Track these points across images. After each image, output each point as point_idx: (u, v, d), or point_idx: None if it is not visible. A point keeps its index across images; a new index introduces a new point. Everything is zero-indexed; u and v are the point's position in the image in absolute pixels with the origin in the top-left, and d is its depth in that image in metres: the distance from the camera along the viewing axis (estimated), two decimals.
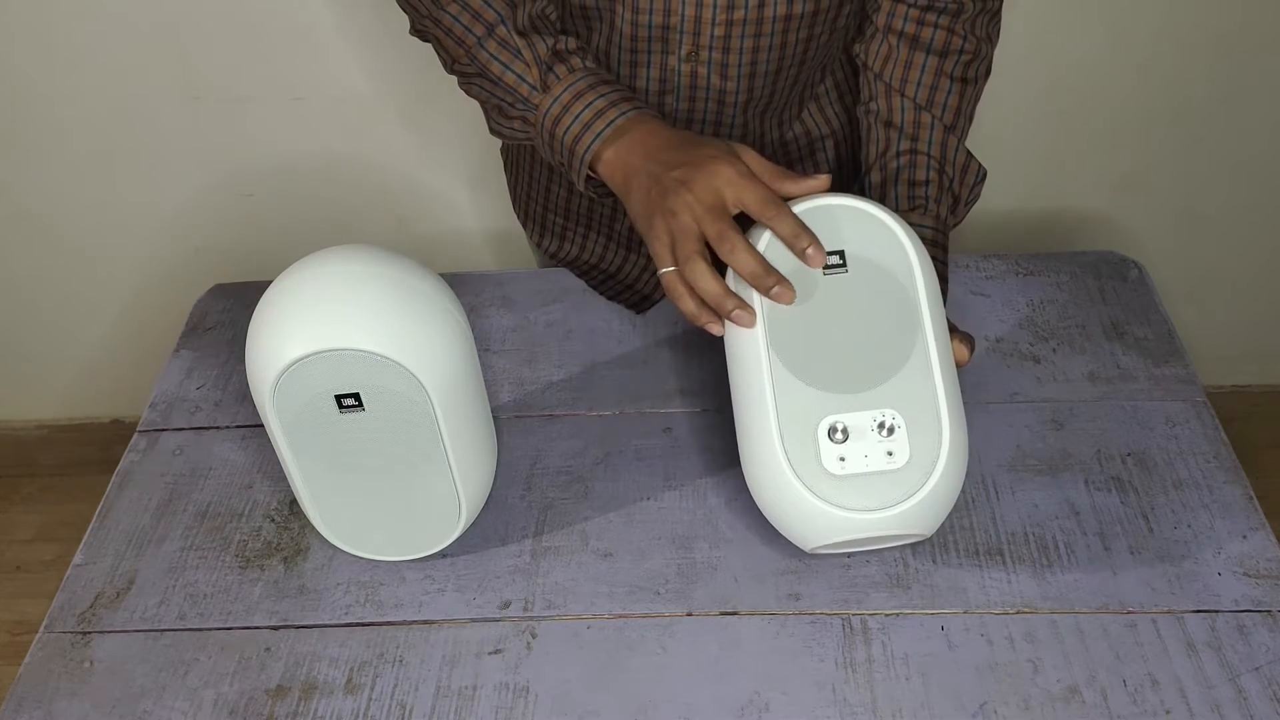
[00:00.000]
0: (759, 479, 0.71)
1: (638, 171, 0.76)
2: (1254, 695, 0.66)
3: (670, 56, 0.85)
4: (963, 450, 0.70)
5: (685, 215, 0.72)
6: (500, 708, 0.68)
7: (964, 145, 0.87)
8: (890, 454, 0.68)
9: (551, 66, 0.80)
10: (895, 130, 0.86)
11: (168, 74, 1.38)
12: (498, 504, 0.79)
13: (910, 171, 0.84)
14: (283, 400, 0.66)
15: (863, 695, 0.67)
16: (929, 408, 0.69)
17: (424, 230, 1.57)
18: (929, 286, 0.71)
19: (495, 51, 0.81)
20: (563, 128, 0.79)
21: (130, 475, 0.84)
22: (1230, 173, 1.49)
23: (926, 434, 0.69)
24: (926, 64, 0.85)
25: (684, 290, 0.72)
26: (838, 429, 0.68)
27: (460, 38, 0.82)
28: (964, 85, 0.86)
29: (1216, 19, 1.33)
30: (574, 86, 0.79)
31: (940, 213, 0.84)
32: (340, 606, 0.74)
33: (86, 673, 0.71)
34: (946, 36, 0.85)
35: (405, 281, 0.68)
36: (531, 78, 0.80)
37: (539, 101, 0.80)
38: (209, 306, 0.99)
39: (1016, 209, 1.51)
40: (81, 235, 1.57)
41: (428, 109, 1.42)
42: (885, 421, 0.68)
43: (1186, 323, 1.12)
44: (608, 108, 0.78)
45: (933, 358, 0.69)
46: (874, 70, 0.87)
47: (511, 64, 0.81)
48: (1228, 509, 0.77)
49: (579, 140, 0.79)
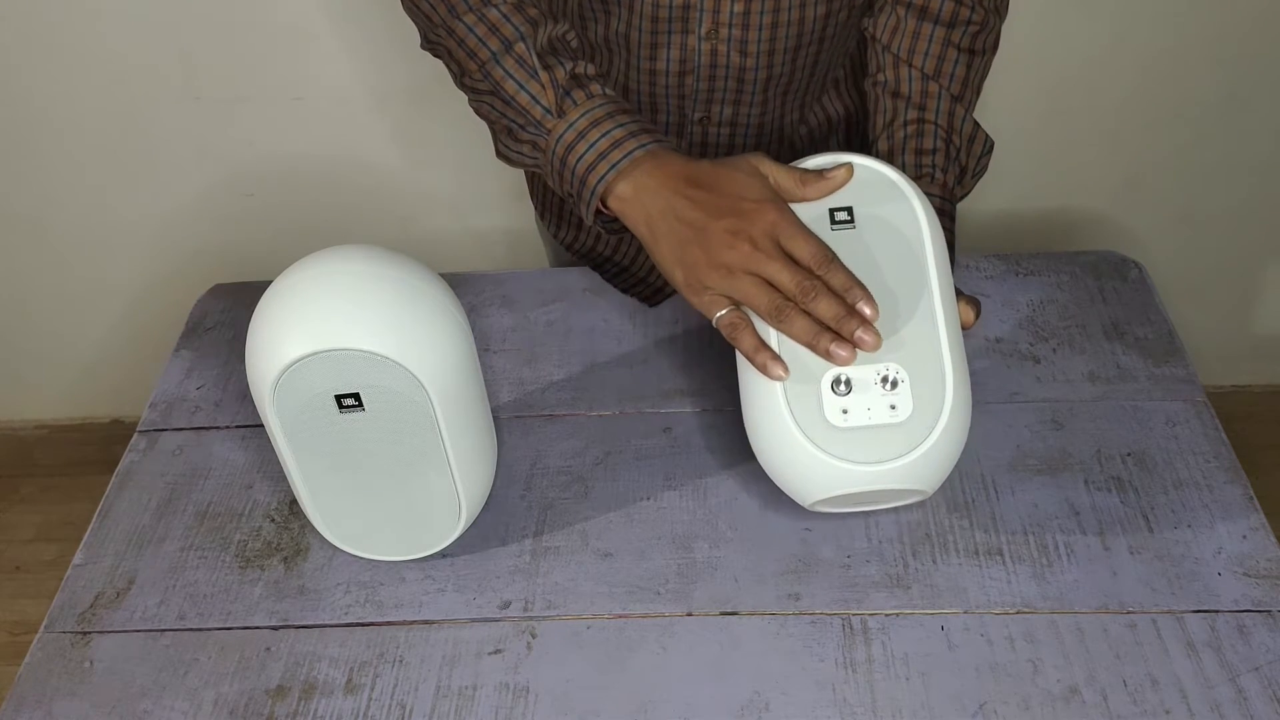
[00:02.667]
0: (761, 431, 0.71)
1: (665, 214, 0.73)
2: (1254, 695, 0.66)
3: (690, 35, 0.86)
4: (966, 406, 0.70)
5: (744, 274, 0.69)
6: (500, 708, 0.68)
7: (971, 115, 0.87)
8: (893, 407, 0.68)
9: (569, 91, 0.77)
10: (902, 100, 0.86)
11: (168, 74, 1.38)
12: (498, 504, 0.79)
13: (918, 140, 0.84)
14: (283, 400, 0.66)
15: (863, 695, 0.67)
16: (933, 363, 0.68)
17: (424, 230, 1.57)
18: (936, 246, 0.71)
19: (511, 69, 0.78)
20: (576, 155, 0.76)
21: (130, 475, 0.84)
22: (1230, 173, 1.49)
23: (930, 389, 0.68)
24: (934, 34, 0.85)
25: (746, 330, 0.70)
26: (841, 380, 0.68)
27: (474, 50, 0.79)
28: (971, 56, 0.86)
29: (1217, 19, 1.33)
30: (592, 114, 0.76)
31: (947, 182, 0.84)
32: (340, 606, 0.74)
33: (86, 673, 0.71)
34: (954, 8, 0.85)
35: (405, 281, 0.68)
36: (546, 100, 0.77)
37: (552, 126, 0.77)
38: (209, 306, 0.99)
39: (1016, 209, 1.51)
40: (82, 235, 1.57)
41: (428, 109, 1.42)
42: (889, 375, 0.68)
43: (1186, 323, 1.12)
44: (626, 138, 0.75)
45: (938, 314, 0.69)
46: (882, 42, 0.87)
47: (527, 84, 0.78)
48: (1228, 509, 0.77)
49: (593, 170, 0.75)
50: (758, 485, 0.79)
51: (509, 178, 1.49)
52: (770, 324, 0.70)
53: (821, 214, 0.71)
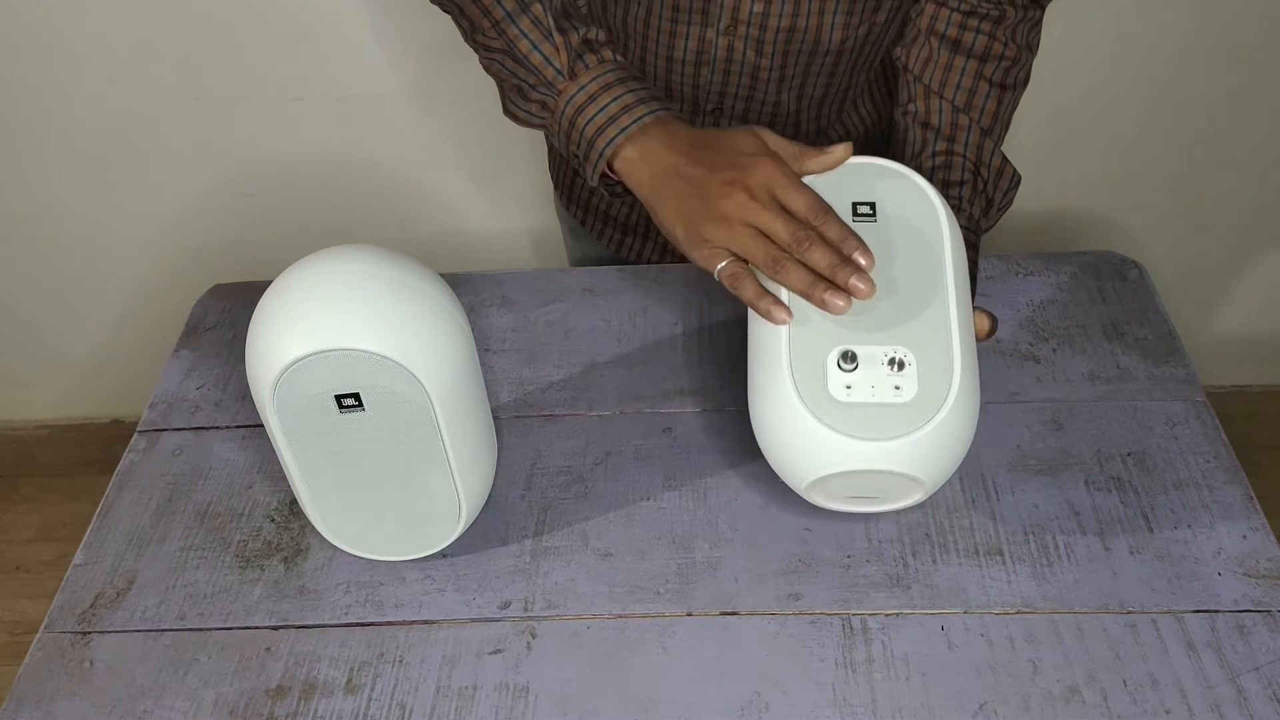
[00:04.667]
0: (762, 401, 0.70)
1: (668, 173, 0.75)
2: (1254, 695, 0.66)
3: (709, 29, 0.86)
4: (972, 398, 0.69)
5: (741, 225, 0.70)
6: (500, 708, 0.68)
7: (1000, 150, 0.87)
8: (898, 388, 0.67)
9: (581, 54, 0.79)
10: (932, 131, 0.86)
11: (168, 74, 1.38)
12: (498, 504, 0.79)
13: (945, 172, 0.85)
14: (283, 400, 0.66)
15: (863, 695, 0.67)
16: (943, 350, 0.68)
17: (424, 230, 1.57)
18: (955, 247, 0.71)
19: (526, 29, 0.79)
20: (586, 117, 0.78)
21: (130, 475, 0.84)
22: (1230, 173, 1.49)
23: (937, 375, 0.68)
24: (966, 67, 0.85)
25: (748, 279, 0.71)
26: (848, 356, 0.68)
27: (488, 8, 0.80)
28: (1003, 91, 0.86)
29: (1217, 19, 1.33)
30: (603, 78, 0.78)
31: (973, 214, 0.84)
32: (340, 606, 0.74)
33: (86, 673, 0.71)
34: (988, 42, 0.85)
35: (405, 281, 0.68)
36: (559, 62, 0.79)
37: (564, 88, 0.79)
38: (209, 306, 0.99)
39: (1016, 209, 1.51)
40: (82, 235, 1.57)
41: (428, 109, 1.42)
42: (896, 357, 0.68)
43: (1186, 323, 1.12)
44: (636, 104, 0.77)
45: (951, 306, 0.69)
46: (914, 72, 0.87)
47: (540, 44, 0.79)
48: (1228, 509, 0.77)
49: (602, 132, 0.77)
50: (758, 485, 0.79)
51: (509, 179, 1.49)
52: (767, 274, 0.70)
53: (844, 205, 0.72)
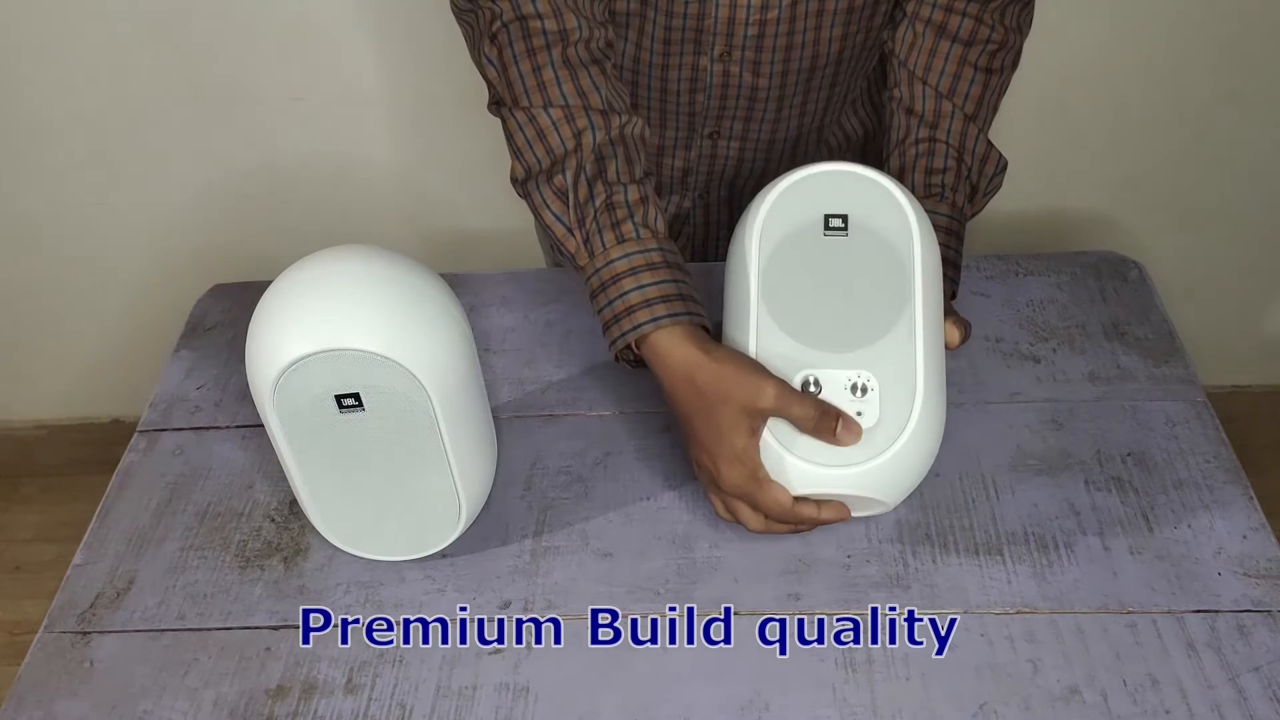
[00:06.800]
0: None
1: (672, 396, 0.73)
2: (1254, 695, 0.66)
3: (702, 57, 0.85)
4: (935, 422, 0.70)
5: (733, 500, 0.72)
6: (500, 708, 0.68)
7: (985, 135, 0.86)
8: (859, 414, 0.68)
9: (601, 231, 0.76)
10: (916, 118, 0.86)
11: (168, 74, 1.38)
12: (498, 504, 0.79)
13: (928, 160, 0.84)
14: (283, 400, 0.66)
15: (863, 695, 0.67)
16: (906, 376, 0.69)
17: (424, 230, 1.57)
18: (927, 263, 0.71)
19: (548, 199, 0.77)
20: (607, 297, 0.75)
21: (130, 475, 0.84)
22: (1230, 173, 1.49)
23: (899, 401, 0.68)
24: (951, 52, 0.85)
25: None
26: (810, 382, 0.69)
27: (520, 150, 0.79)
28: (988, 75, 0.86)
29: (1218, 19, 1.33)
30: (630, 258, 0.74)
31: (957, 201, 0.84)
32: (340, 606, 0.74)
33: (86, 673, 0.71)
34: (974, 25, 0.84)
35: (405, 281, 0.68)
36: (573, 245, 0.76)
37: (584, 264, 0.76)
38: (209, 306, 0.99)
39: (1016, 209, 1.51)
40: (82, 235, 1.57)
41: (428, 109, 1.42)
42: (859, 382, 0.69)
43: (1186, 323, 1.12)
44: (658, 300, 0.73)
45: (918, 330, 0.69)
46: (899, 57, 0.87)
47: (563, 216, 0.77)
48: (1228, 509, 0.77)
49: (630, 314, 0.73)
50: None
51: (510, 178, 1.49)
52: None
53: (816, 219, 0.71)
